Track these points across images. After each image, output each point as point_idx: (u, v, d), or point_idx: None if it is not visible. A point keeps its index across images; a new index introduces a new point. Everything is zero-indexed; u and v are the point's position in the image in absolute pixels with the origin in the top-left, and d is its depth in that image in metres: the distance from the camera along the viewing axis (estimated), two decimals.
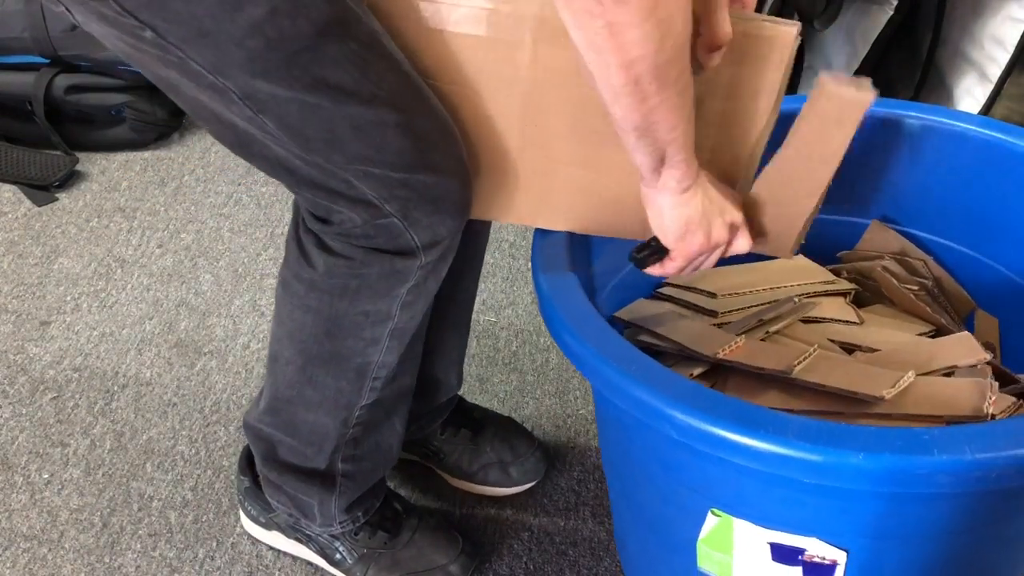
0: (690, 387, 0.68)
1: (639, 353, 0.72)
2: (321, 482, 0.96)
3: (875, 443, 0.62)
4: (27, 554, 1.10)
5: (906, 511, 0.70)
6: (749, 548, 0.76)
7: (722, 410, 0.66)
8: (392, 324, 0.84)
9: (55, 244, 1.61)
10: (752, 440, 0.64)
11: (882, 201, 1.05)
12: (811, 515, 0.72)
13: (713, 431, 0.65)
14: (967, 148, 0.97)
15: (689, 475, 0.76)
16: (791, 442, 0.63)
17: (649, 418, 0.69)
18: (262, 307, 1.47)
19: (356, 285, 0.81)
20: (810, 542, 0.72)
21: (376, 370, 0.88)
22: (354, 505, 0.99)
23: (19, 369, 1.35)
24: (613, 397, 0.72)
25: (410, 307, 0.84)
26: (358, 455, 0.95)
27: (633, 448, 0.83)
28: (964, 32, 1.55)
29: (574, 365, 0.76)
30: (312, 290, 0.82)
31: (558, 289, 0.79)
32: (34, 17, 1.73)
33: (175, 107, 1.91)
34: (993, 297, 1.01)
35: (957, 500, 0.69)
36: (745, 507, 0.74)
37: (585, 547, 1.10)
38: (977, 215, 1.00)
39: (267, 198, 1.73)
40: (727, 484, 0.74)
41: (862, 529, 0.71)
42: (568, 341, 0.75)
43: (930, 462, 0.61)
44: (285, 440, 0.95)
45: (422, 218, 0.76)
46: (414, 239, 0.77)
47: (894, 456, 0.61)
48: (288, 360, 0.89)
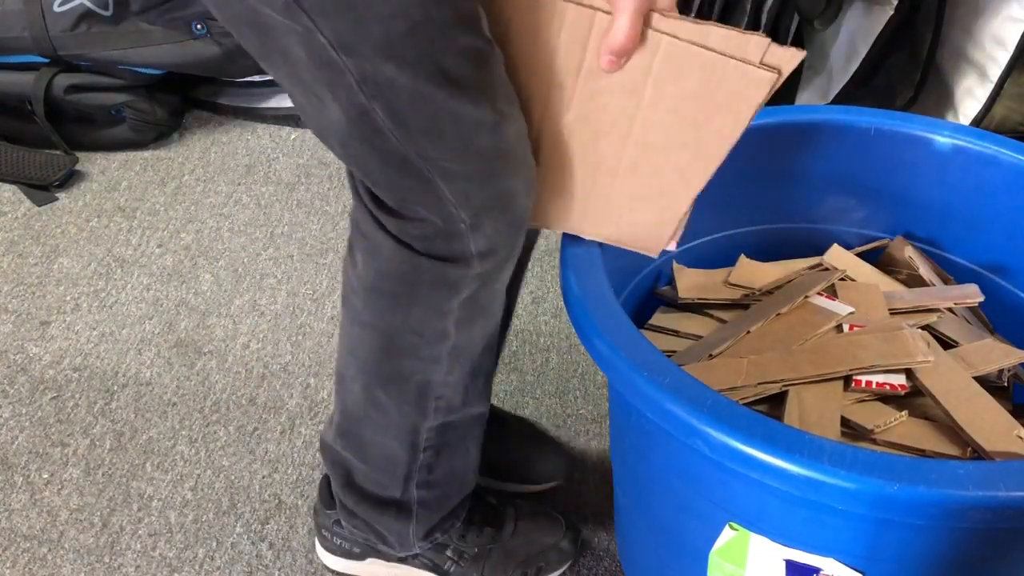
0: (723, 404, 0.67)
1: (672, 364, 0.70)
2: (397, 511, 0.95)
3: (911, 475, 0.61)
4: (27, 554, 1.10)
5: (932, 540, 0.69)
6: (763, 563, 0.75)
7: (755, 430, 0.64)
8: (451, 343, 0.82)
9: (55, 244, 1.61)
10: (786, 463, 0.63)
11: (907, 217, 1.04)
12: (831, 536, 0.71)
13: (745, 451, 0.64)
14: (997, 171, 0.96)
15: (710, 487, 0.75)
16: (826, 468, 0.62)
17: (679, 431, 0.67)
18: (262, 307, 1.47)
19: (407, 295, 0.79)
20: (827, 562, 0.71)
21: (438, 390, 0.86)
22: (433, 529, 0.99)
23: (19, 369, 1.35)
24: (643, 408, 0.70)
25: (467, 324, 0.82)
26: (432, 481, 0.94)
27: (653, 455, 0.82)
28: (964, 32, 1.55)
29: (603, 371, 0.74)
30: (366, 303, 0.81)
31: (588, 293, 0.78)
32: (34, 17, 1.73)
33: (175, 107, 1.91)
34: (1010, 323, 1.00)
35: (987, 534, 0.68)
36: (765, 523, 0.73)
37: (585, 547, 1.10)
38: (1001, 239, 0.99)
39: (267, 198, 1.73)
40: (748, 499, 0.73)
41: (883, 555, 0.70)
42: (598, 347, 0.73)
43: (963, 497, 0.60)
44: (359, 466, 0.94)
45: (487, 224, 0.74)
46: (471, 246, 0.75)
47: (930, 490, 0.60)
48: (352, 378, 0.88)
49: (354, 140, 0.71)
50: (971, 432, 0.78)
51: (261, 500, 1.16)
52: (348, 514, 0.99)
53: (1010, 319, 1.00)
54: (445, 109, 0.68)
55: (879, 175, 1.02)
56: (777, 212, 1.07)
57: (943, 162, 0.99)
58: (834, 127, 1.01)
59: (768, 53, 0.71)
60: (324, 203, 1.71)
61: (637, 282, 0.99)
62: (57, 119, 1.80)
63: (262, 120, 1.96)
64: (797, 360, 0.86)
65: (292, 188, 1.75)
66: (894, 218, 1.05)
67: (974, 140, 0.97)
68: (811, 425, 0.80)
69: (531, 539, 1.04)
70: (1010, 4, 1.46)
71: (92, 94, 1.79)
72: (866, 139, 1.00)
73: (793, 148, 1.01)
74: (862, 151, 1.01)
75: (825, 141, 1.01)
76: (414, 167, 0.71)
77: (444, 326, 0.81)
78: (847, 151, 1.01)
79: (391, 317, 0.81)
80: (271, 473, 1.20)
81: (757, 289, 0.99)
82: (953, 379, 0.84)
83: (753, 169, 1.01)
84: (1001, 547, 0.71)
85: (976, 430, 0.79)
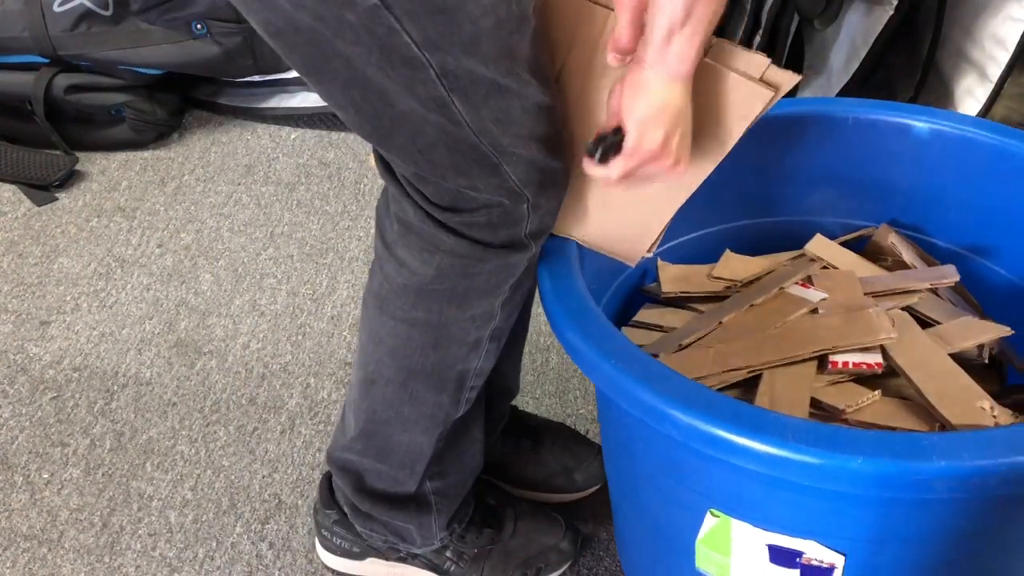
0: (691, 387, 0.68)
1: (641, 352, 0.72)
2: (416, 506, 0.95)
3: (874, 447, 0.62)
4: (27, 554, 1.10)
5: (904, 515, 0.70)
6: (747, 549, 0.76)
7: (722, 411, 0.65)
8: (494, 324, 0.84)
9: (55, 244, 1.61)
10: (750, 441, 0.64)
11: (891, 205, 1.04)
12: (810, 518, 0.72)
13: (712, 431, 0.65)
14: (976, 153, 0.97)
15: (689, 475, 0.76)
16: (790, 444, 0.63)
17: (649, 418, 0.69)
18: (262, 307, 1.47)
19: (465, 287, 0.80)
20: (808, 545, 0.72)
21: (473, 379, 0.87)
22: (453, 518, 1.00)
23: (19, 369, 1.36)
24: (614, 396, 0.72)
25: (508, 304, 0.84)
26: (442, 471, 0.94)
27: (635, 447, 0.83)
28: (964, 32, 1.55)
29: (576, 363, 0.76)
30: (419, 300, 0.81)
31: (561, 287, 0.80)
32: (34, 17, 1.73)
33: (175, 107, 1.91)
34: (998, 304, 1.00)
35: (956, 505, 0.69)
36: (744, 508, 0.74)
37: (585, 547, 1.10)
38: (984, 220, 0.99)
39: (267, 198, 1.73)
40: (726, 485, 0.74)
41: (860, 533, 0.71)
42: (570, 339, 0.75)
43: (929, 468, 0.61)
44: (374, 467, 0.94)
45: (544, 203, 0.77)
46: (527, 228, 0.78)
47: (893, 461, 0.61)
48: (388, 380, 0.88)
49: (428, 131, 0.72)
50: (939, 407, 0.79)
51: (261, 500, 1.16)
52: (364, 518, 0.99)
53: (996, 299, 1.00)
54: (517, 97, 0.71)
55: (860, 164, 1.03)
56: (763, 207, 1.07)
57: (922, 147, 0.99)
58: (813, 119, 1.01)
59: (768, 71, 0.72)
60: (324, 203, 1.71)
61: (622, 280, 0.99)
62: (57, 119, 1.80)
63: (262, 120, 1.96)
64: (762, 346, 0.87)
65: (292, 188, 1.75)
66: (879, 206, 1.05)
67: (951, 124, 0.97)
68: (781, 407, 0.81)
69: (531, 540, 1.04)
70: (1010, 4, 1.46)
71: (92, 94, 1.79)
72: (844, 128, 1.01)
73: (775, 142, 1.01)
74: (842, 141, 1.02)
75: (805, 133, 1.02)
76: (482, 152, 0.73)
77: (492, 308, 0.83)
78: (827, 142, 1.02)
79: (448, 309, 0.82)
80: (271, 473, 1.20)
81: (738, 281, 1.00)
82: (926, 356, 0.85)
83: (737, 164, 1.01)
84: (979, 519, 0.71)
85: (944, 405, 0.79)
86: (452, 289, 0.80)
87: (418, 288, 0.81)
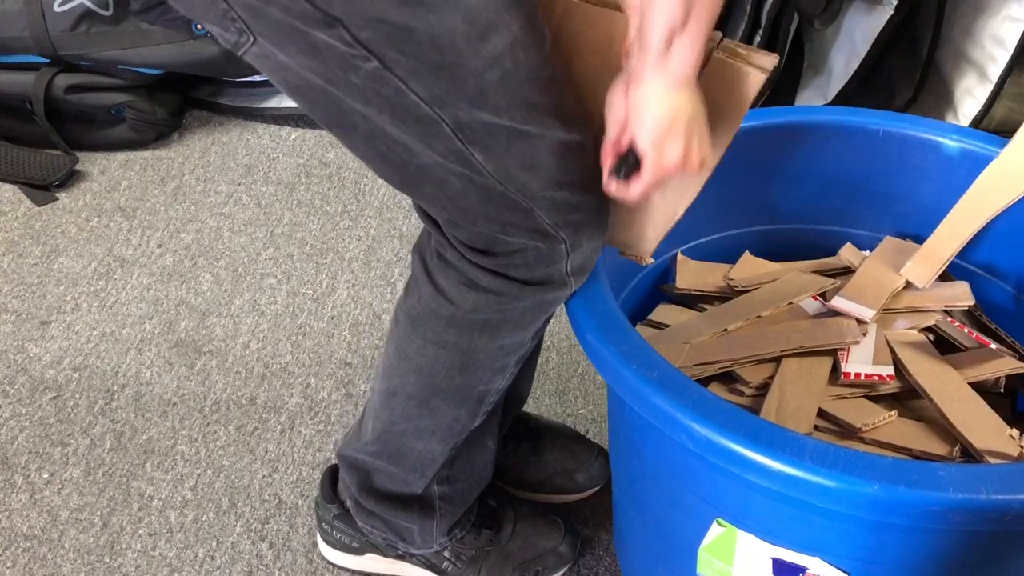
0: (709, 399, 0.67)
1: (662, 359, 0.71)
2: (420, 508, 0.96)
3: (891, 475, 0.61)
4: (27, 554, 1.10)
5: (914, 541, 0.69)
6: (750, 560, 0.75)
7: (740, 426, 0.65)
8: (522, 352, 0.84)
9: (55, 244, 1.61)
10: (768, 459, 0.63)
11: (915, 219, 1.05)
12: (817, 535, 0.71)
13: (729, 446, 0.64)
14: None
15: (699, 483, 0.76)
16: (807, 465, 0.62)
17: (666, 427, 0.68)
18: (262, 307, 1.47)
19: (498, 320, 0.79)
20: (813, 561, 0.72)
21: (492, 396, 0.87)
22: (455, 525, 1.00)
23: (19, 369, 1.36)
24: (632, 402, 0.71)
25: (539, 333, 0.84)
26: (452, 476, 0.94)
27: (645, 450, 0.83)
28: (964, 32, 1.55)
29: (595, 366, 0.75)
30: (451, 326, 0.81)
31: (584, 290, 0.79)
32: (34, 17, 1.73)
33: (175, 107, 1.91)
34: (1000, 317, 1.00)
35: (968, 536, 0.68)
36: (751, 521, 0.73)
37: (585, 547, 1.10)
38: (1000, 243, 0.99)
39: (267, 198, 1.73)
40: (736, 496, 0.73)
41: (867, 554, 0.70)
42: (590, 340, 0.74)
43: (944, 499, 0.60)
44: (385, 468, 0.94)
45: (585, 243, 0.75)
46: (567, 267, 0.76)
47: (909, 490, 0.60)
48: (410, 395, 0.87)
49: (452, 180, 0.71)
50: (962, 430, 0.79)
51: (261, 500, 1.16)
52: (367, 514, 1.00)
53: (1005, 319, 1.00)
54: (542, 141, 0.69)
55: (887, 177, 1.03)
56: (785, 212, 1.07)
57: (950, 165, 0.99)
58: (842, 129, 1.01)
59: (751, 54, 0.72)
60: (324, 203, 1.71)
61: (639, 279, 0.99)
62: (57, 119, 1.80)
63: (262, 120, 1.96)
64: (733, 343, 0.89)
65: (292, 188, 1.75)
66: (901, 221, 1.05)
67: (981, 144, 0.97)
68: (787, 415, 0.81)
69: (529, 542, 1.04)
70: (1010, 4, 1.46)
71: (92, 94, 1.79)
72: (874, 141, 1.01)
73: (801, 148, 1.02)
74: (870, 153, 1.02)
75: (833, 142, 1.02)
76: (511, 199, 0.71)
77: (524, 338, 0.82)
78: (855, 153, 1.02)
79: (479, 339, 0.81)
80: (271, 473, 1.20)
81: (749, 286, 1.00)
82: (946, 380, 0.85)
83: (760, 168, 1.02)
84: (988, 550, 0.71)
85: (968, 429, 0.79)
86: (486, 320, 0.80)
87: (451, 316, 0.80)
